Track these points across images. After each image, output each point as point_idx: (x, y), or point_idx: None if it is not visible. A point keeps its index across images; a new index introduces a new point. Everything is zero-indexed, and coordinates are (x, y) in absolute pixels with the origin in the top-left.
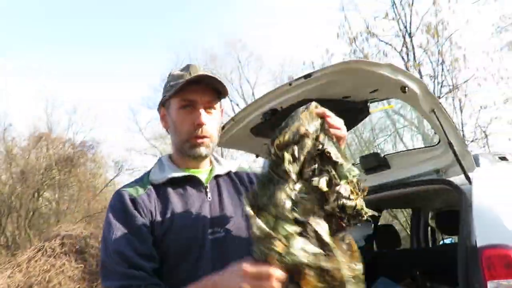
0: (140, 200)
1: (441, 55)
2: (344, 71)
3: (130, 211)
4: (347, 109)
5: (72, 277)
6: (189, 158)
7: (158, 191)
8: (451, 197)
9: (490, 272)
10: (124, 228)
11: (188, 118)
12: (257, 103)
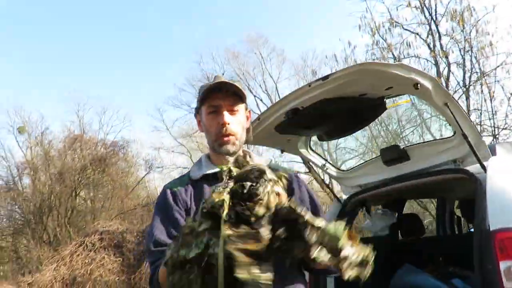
0: (178, 193)
1: (468, 42)
2: (359, 72)
3: (169, 202)
4: (364, 105)
5: (111, 270)
6: (220, 155)
7: (194, 186)
8: (470, 186)
9: (502, 253)
10: (162, 217)
11: (214, 120)
12: (280, 103)
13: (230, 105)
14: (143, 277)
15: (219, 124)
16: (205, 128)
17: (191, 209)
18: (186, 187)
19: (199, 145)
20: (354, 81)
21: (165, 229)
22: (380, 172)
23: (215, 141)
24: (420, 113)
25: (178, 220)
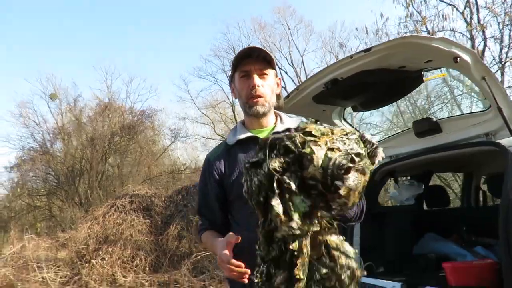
0: (213, 163)
1: (508, 16)
2: (402, 45)
3: (205, 175)
4: (402, 78)
5: (141, 231)
6: (252, 117)
7: (229, 152)
8: (500, 159)
9: None
10: (201, 186)
11: (245, 84)
12: (319, 74)
13: (259, 69)
14: (170, 239)
15: (249, 86)
16: (238, 92)
17: (225, 174)
18: (222, 154)
19: (222, 116)
20: (396, 54)
21: (202, 199)
22: (411, 144)
23: (246, 103)
24: (451, 89)
25: (209, 192)
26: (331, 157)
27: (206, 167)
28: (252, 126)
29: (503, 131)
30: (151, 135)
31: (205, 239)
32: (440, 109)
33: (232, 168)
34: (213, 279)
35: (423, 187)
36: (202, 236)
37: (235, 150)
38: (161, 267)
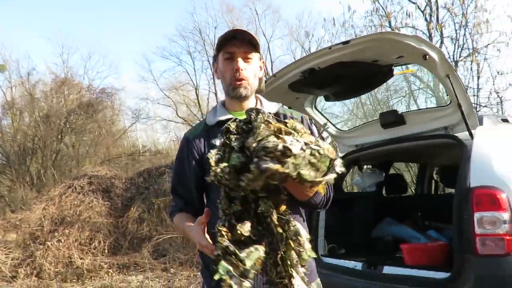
0: (193, 141)
1: (464, 17)
2: (378, 39)
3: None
4: (374, 71)
5: (100, 213)
6: (233, 99)
7: (209, 132)
8: (455, 152)
9: (478, 206)
10: (178, 165)
11: (229, 66)
12: (297, 62)
13: (244, 52)
14: (130, 221)
15: (233, 69)
16: (221, 73)
17: (205, 154)
18: (201, 134)
19: (185, 99)
20: (371, 48)
21: (177, 178)
22: (376, 134)
23: (229, 85)
24: (409, 84)
25: (186, 171)
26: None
27: (185, 145)
28: (233, 108)
29: (461, 125)
30: (111, 114)
31: (178, 222)
32: (398, 102)
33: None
34: (174, 261)
35: (384, 175)
36: (175, 218)
37: (215, 130)
38: (120, 250)
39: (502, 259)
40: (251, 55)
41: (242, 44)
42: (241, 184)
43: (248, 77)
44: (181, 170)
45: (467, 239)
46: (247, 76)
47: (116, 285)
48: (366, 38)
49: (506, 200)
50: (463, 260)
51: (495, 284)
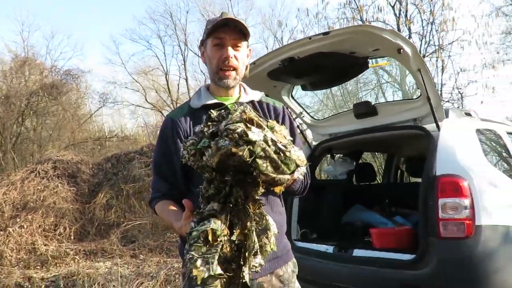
0: (178, 122)
1: (432, 15)
2: (357, 32)
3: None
4: (351, 63)
5: (65, 198)
6: (219, 87)
7: (194, 115)
8: (422, 143)
9: (442, 193)
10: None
11: (218, 53)
12: (277, 51)
13: (234, 39)
14: (97, 207)
15: (222, 56)
16: (209, 59)
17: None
18: (186, 116)
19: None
20: (350, 40)
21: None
22: (349, 124)
23: (216, 73)
24: (378, 77)
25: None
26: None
27: (169, 125)
28: (218, 94)
29: (429, 117)
30: (76, 97)
31: (161, 212)
32: (367, 94)
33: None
34: (143, 247)
35: (354, 164)
36: (157, 207)
37: (200, 113)
38: (87, 236)
39: (462, 241)
40: (240, 43)
41: (233, 32)
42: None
43: (237, 66)
44: (166, 149)
45: (431, 223)
46: (236, 65)
47: (83, 271)
48: (346, 30)
49: (468, 187)
50: (427, 242)
51: (455, 264)
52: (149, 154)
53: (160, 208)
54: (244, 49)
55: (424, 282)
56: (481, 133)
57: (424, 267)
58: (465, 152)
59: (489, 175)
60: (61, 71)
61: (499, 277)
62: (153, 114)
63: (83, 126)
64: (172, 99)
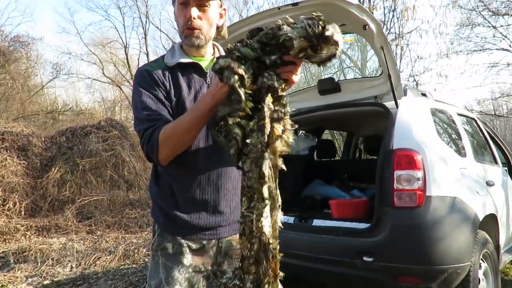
0: (155, 75)
1: (394, 2)
2: (325, 4)
3: (150, 82)
4: None
5: (15, 172)
6: (189, 47)
7: (170, 72)
8: (380, 121)
9: (397, 166)
10: (148, 91)
11: (183, 13)
12: (246, 21)
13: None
14: (51, 182)
15: (186, 17)
16: (175, 18)
17: (170, 91)
18: (163, 71)
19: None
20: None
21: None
22: (313, 100)
23: (181, 33)
24: (340, 61)
25: (162, 98)
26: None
27: (147, 77)
28: (190, 53)
29: (388, 95)
30: (26, 67)
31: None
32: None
33: (174, 90)
34: (100, 224)
35: (316, 141)
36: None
37: (176, 72)
38: (40, 212)
39: (414, 210)
40: (207, 3)
41: None
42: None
43: (201, 26)
44: (154, 95)
45: (387, 194)
46: (200, 26)
47: (36, 247)
48: (315, 1)
49: (421, 161)
50: (382, 212)
51: (406, 231)
52: (107, 128)
53: (172, 123)
54: (213, 9)
55: (378, 248)
56: (434, 112)
57: (378, 234)
58: (420, 128)
59: (440, 150)
60: (8, 37)
61: (444, 242)
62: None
63: (34, 98)
64: (132, 74)
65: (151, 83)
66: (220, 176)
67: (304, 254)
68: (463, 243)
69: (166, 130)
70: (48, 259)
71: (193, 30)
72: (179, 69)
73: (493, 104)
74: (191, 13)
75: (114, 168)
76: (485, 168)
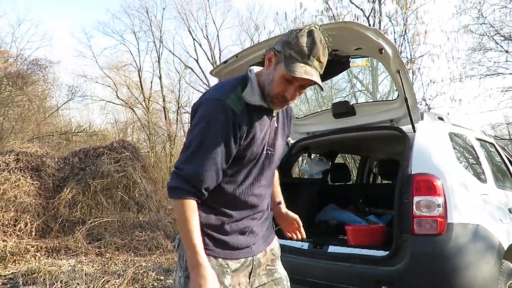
0: (239, 116)
1: (405, 27)
2: (342, 28)
3: (228, 122)
4: (333, 60)
5: (27, 192)
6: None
7: (249, 111)
8: (396, 145)
9: (417, 191)
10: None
11: (283, 87)
12: (261, 44)
13: (303, 85)
14: (62, 203)
15: (284, 93)
16: (272, 79)
17: (243, 134)
18: (244, 109)
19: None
20: (335, 36)
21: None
22: (327, 123)
23: (271, 97)
24: (352, 84)
25: (233, 150)
26: None
27: (230, 116)
28: None
29: (405, 119)
30: (43, 89)
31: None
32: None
33: (249, 130)
34: (110, 246)
35: (330, 164)
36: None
37: (252, 112)
38: (50, 233)
39: (435, 238)
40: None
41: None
42: None
43: (292, 102)
44: (225, 137)
45: (406, 220)
46: (291, 102)
47: (45, 269)
48: (331, 26)
49: (441, 186)
50: (401, 239)
51: (427, 259)
52: (119, 150)
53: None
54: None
55: (398, 277)
56: (453, 136)
57: (397, 263)
58: (438, 153)
59: (460, 176)
60: (27, 60)
61: (468, 271)
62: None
63: (49, 119)
64: (145, 97)
65: (230, 125)
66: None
67: (320, 282)
68: (487, 273)
69: (186, 209)
70: (57, 281)
71: (284, 104)
72: (255, 109)
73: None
74: (293, 97)
75: (125, 189)
76: (507, 195)
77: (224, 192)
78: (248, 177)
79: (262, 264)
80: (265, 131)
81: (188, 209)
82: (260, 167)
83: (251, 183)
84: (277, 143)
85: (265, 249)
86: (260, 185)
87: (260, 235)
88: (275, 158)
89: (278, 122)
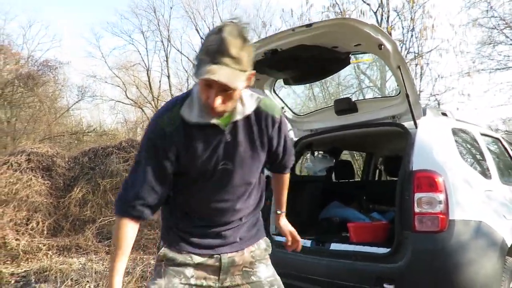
0: (171, 135)
1: (412, 22)
2: (340, 25)
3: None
4: (333, 57)
5: (39, 192)
6: None
7: (185, 129)
8: (400, 142)
9: (418, 188)
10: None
11: (206, 92)
12: (261, 42)
13: (223, 85)
14: (73, 202)
15: (208, 99)
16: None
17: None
18: (179, 128)
19: (136, 79)
20: (333, 33)
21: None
22: (330, 120)
23: (203, 107)
24: (359, 80)
25: (167, 169)
26: None
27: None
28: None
29: (407, 115)
30: (53, 90)
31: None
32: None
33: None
34: None
35: (333, 161)
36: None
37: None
38: (61, 231)
39: (436, 235)
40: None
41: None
42: None
43: (225, 108)
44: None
45: (407, 217)
46: (224, 108)
47: (56, 267)
48: (329, 22)
49: (443, 183)
50: (403, 236)
51: (428, 256)
52: (128, 149)
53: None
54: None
55: (399, 275)
56: (456, 132)
57: (399, 260)
58: (441, 149)
59: (463, 172)
60: (38, 62)
61: (470, 268)
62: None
63: (60, 119)
64: (154, 96)
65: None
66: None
67: (322, 280)
68: (490, 270)
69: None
70: (68, 279)
71: (217, 112)
72: (196, 129)
73: None
74: (215, 103)
75: None
76: None
77: (181, 202)
78: (201, 192)
79: (238, 264)
80: (213, 146)
81: (119, 226)
82: (217, 183)
83: (207, 198)
84: (239, 157)
85: (243, 250)
86: (223, 199)
87: (234, 238)
88: (238, 173)
89: (237, 134)
